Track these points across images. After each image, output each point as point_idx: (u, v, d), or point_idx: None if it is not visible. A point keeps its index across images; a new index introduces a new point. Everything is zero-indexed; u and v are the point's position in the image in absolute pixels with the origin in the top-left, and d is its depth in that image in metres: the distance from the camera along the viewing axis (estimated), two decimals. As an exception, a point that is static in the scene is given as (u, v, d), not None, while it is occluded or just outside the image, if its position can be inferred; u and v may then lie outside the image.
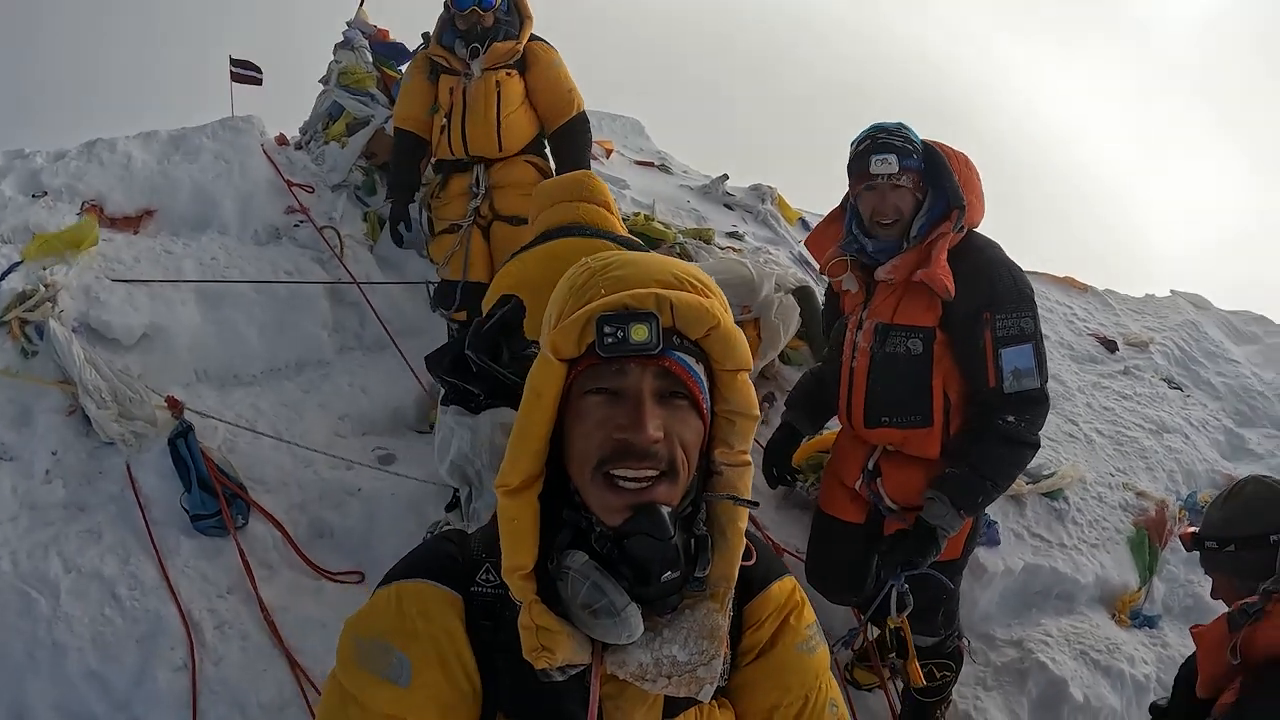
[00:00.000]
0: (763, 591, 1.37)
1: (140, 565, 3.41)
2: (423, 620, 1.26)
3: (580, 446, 1.22)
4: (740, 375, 1.26)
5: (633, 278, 1.22)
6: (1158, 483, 5.62)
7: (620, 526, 1.19)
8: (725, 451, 1.26)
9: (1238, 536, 2.48)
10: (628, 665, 1.22)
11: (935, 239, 2.98)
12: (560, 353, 1.21)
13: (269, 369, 4.54)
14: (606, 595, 1.18)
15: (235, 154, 4.90)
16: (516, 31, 4.57)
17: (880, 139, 2.99)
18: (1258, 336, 7.56)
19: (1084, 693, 4.17)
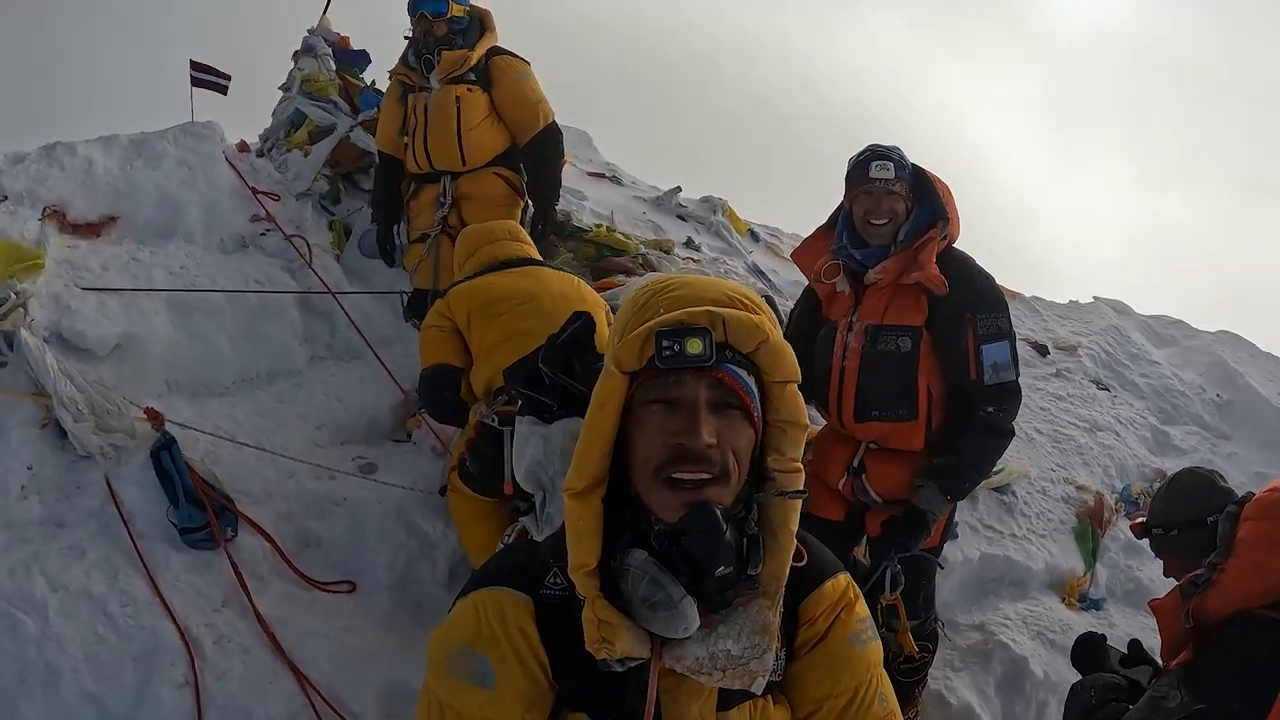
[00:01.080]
0: (816, 589, 1.43)
1: (130, 581, 3.29)
2: (499, 624, 1.34)
3: (641, 452, 1.29)
4: (789, 386, 1.33)
5: (688, 297, 1.31)
6: (1094, 477, 5.95)
7: (677, 523, 1.26)
8: (777, 458, 1.34)
9: (1179, 522, 2.80)
10: (684, 659, 1.28)
11: (924, 243, 3.25)
12: (623, 365, 1.29)
13: (241, 379, 4.43)
14: (664, 588, 1.25)
15: (199, 160, 4.76)
16: (474, 42, 4.56)
17: (880, 151, 3.30)
18: (1176, 339, 8.02)
19: (1043, 669, 4.43)
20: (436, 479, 4.22)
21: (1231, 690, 2.32)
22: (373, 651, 3.48)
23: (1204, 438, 6.80)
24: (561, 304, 3.52)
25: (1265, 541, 2.40)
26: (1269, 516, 2.43)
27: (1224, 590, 2.41)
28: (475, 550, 3.73)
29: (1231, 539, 2.47)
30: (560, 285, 3.66)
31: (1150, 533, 2.94)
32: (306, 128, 5.35)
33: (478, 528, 3.69)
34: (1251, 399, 7.16)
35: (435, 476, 4.24)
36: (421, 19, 4.46)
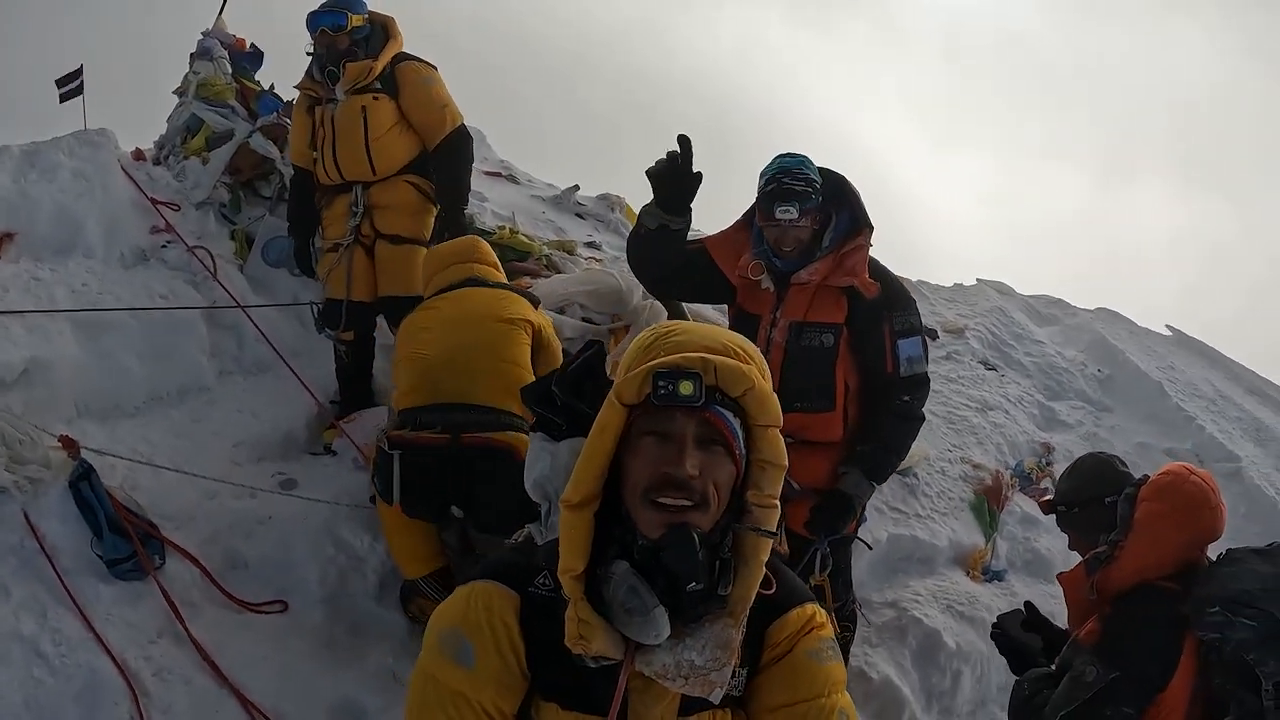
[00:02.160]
0: (783, 616, 1.58)
1: (60, 619, 3.24)
2: (485, 613, 1.52)
3: (633, 476, 1.47)
4: (772, 430, 1.50)
5: (687, 343, 1.49)
6: (988, 455, 6.33)
7: (658, 540, 1.43)
8: (756, 494, 1.51)
9: (1081, 500, 3.13)
10: (652, 663, 1.45)
11: (853, 250, 3.49)
12: (623, 398, 1.47)
13: (151, 398, 4.36)
14: (640, 597, 1.42)
15: (95, 171, 4.60)
16: (378, 50, 4.54)
17: (785, 185, 3.41)
18: (1057, 318, 8.56)
19: (955, 640, 4.77)
20: (359, 491, 4.23)
21: (1141, 655, 2.59)
22: (315, 670, 3.53)
23: (1088, 411, 7.30)
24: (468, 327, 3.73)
25: (1160, 520, 2.71)
26: (1162, 498, 2.74)
27: (1124, 565, 2.72)
28: (405, 559, 3.81)
29: (1130, 518, 2.77)
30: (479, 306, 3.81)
31: (1056, 509, 3.26)
32: (204, 133, 5.23)
33: (407, 536, 3.76)
34: (1131, 373, 7.73)
35: (358, 489, 4.25)
36: (322, 34, 4.43)
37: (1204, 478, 2.80)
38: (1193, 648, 2.56)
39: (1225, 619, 2.47)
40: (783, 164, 3.48)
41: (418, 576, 3.80)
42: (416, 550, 3.79)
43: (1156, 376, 7.70)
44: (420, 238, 4.68)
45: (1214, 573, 2.63)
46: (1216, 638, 2.49)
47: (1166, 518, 2.71)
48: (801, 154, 3.55)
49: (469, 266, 3.99)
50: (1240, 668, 2.47)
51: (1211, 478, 2.83)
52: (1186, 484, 2.76)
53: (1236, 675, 2.48)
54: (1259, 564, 2.57)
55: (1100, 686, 2.61)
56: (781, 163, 3.49)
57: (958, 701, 4.73)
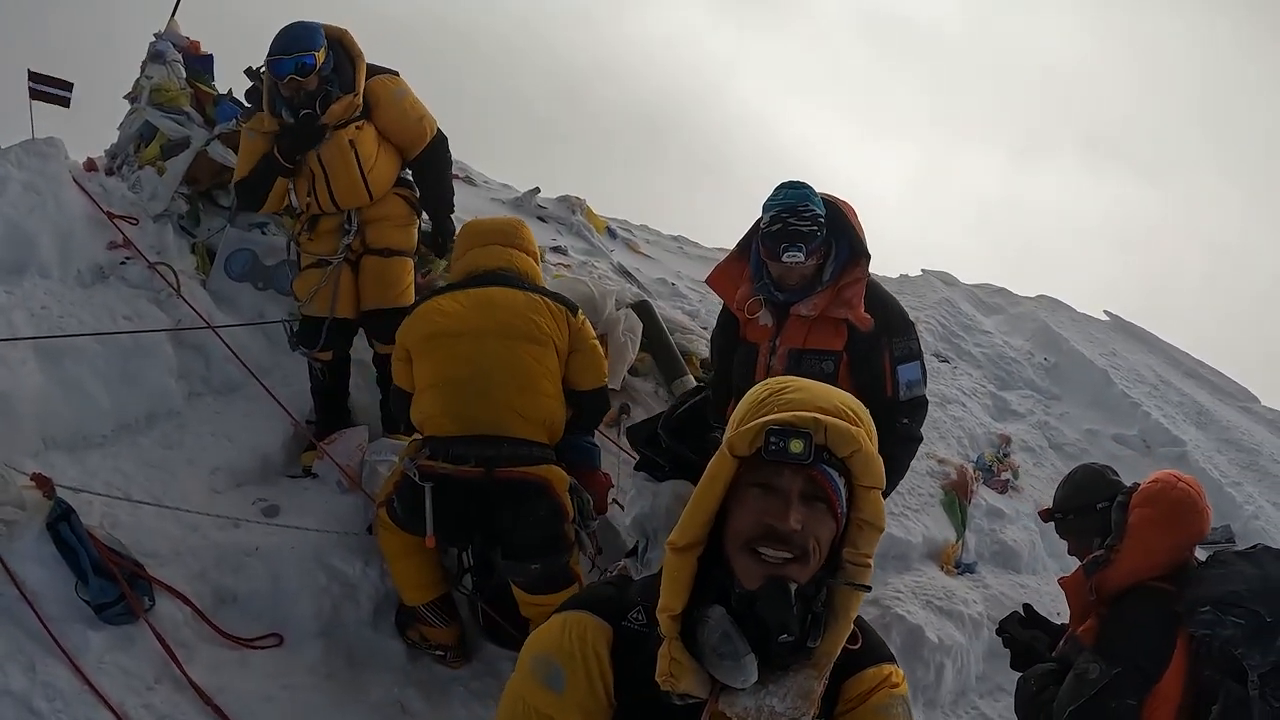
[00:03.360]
0: (859, 673, 1.61)
1: (50, 671, 3.06)
2: (579, 643, 1.58)
3: (737, 524, 1.51)
4: (874, 492, 1.54)
5: (800, 402, 1.52)
6: (951, 449, 6.51)
7: (755, 590, 1.48)
8: (852, 552, 1.55)
9: (1073, 508, 3.38)
10: (734, 706, 1.49)
11: (851, 282, 3.51)
12: (736, 451, 1.51)
13: (119, 426, 4.14)
14: (733, 643, 1.46)
15: (46, 184, 4.31)
16: (350, 80, 4.27)
17: (791, 226, 3.37)
18: (1002, 307, 8.80)
19: (937, 635, 4.90)
20: (346, 516, 4.15)
21: (1137, 650, 2.78)
22: (320, 706, 3.45)
23: (1038, 400, 7.57)
24: (499, 348, 3.58)
25: (1151, 525, 2.90)
26: (1153, 503, 2.93)
27: (1120, 567, 2.91)
28: (407, 585, 3.76)
29: (1123, 524, 2.96)
30: (508, 318, 3.64)
31: (1054, 517, 3.48)
32: (158, 142, 4.98)
33: (410, 562, 3.71)
34: (1076, 361, 8.02)
35: (344, 513, 4.17)
36: (291, 80, 4.10)
37: (1190, 483, 2.99)
38: (1184, 642, 2.75)
39: (1215, 617, 2.67)
40: (787, 199, 3.43)
41: (420, 603, 3.73)
42: (420, 577, 3.73)
43: (1101, 364, 7.99)
44: (408, 249, 4.58)
45: (1204, 574, 2.82)
46: (1207, 634, 2.69)
47: (1157, 522, 2.90)
48: (805, 185, 3.50)
49: (508, 253, 3.85)
50: (1228, 660, 2.68)
51: (1197, 483, 3.02)
52: (1175, 490, 2.94)
53: (1224, 667, 2.69)
54: (1245, 566, 2.77)
55: (1105, 682, 2.78)
56: (786, 198, 3.43)
57: (941, 693, 4.90)
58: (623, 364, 5.23)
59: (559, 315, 3.73)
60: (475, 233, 3.97)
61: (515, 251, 3.87)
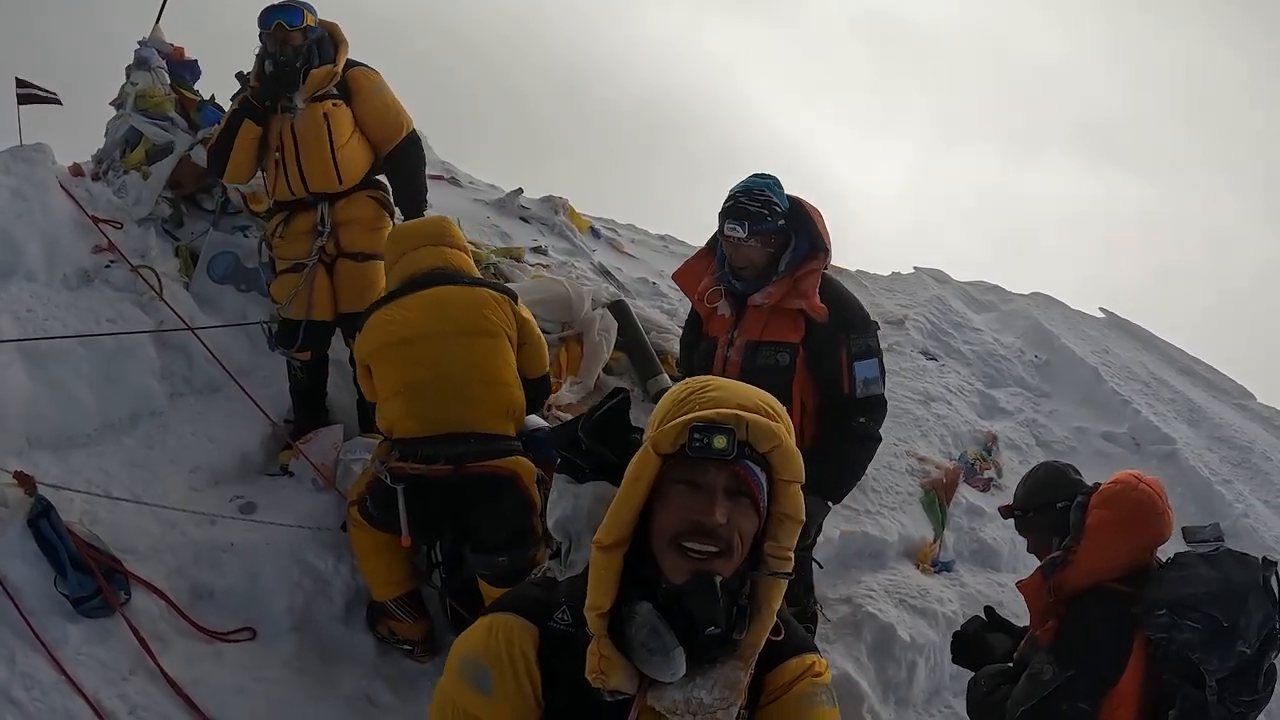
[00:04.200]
0: (782, 664, 1.68)
1: (30, 662, 3.26)
2: (505, 644, 1.63)
3: (662, 522, 1.58)
4: (794, 485, 1.62)
5: (722, 399, 1.60)
6: (933, 447, 6.64)
7: (682, 585, 1.55)
8: (773, 545, 1.63)
9: (1034, 506, 3.42)
10: (663, 700, 1.56)
11: (806, 274, 3.63)
12: (659, 449, 1.58)
13: (103, 425, 4.33)
14: (661, 637, 1.53)
15: (34, 190, 4.52)
16: (332, 56, 4.58)
17: (741, 205, 3.57)
18: (994, 304, 8.91)
19: (909, 633, 5.03)
20: (320, 513, 4.32)
21: (1094, 653, 2.84)
22: (291, 698, 3.61)
23: (1027, 398, 7.67)
24: (456, 347, 3.74)
25: (1109, 526, 2.95)
26: (1112, 505, 2.98)
27: (1078, 568, 2.95)
28: (378, 582, 3.94)
29: (1082, 524, 3.01)
30: (461, 317, 3.80)
31: (1014, 514, 3.54)
32: (143, 146, 5.17)
33: (380, 560, 3.89)
34: (1067, 358, 8.12)
35: (318, 511, 4.34)
36: (279, 28, 4.41)
37: (1151, 485, 3.02)
38: (1142, 645, 2.80)
39: (1171, 621, 2.71)
40: (746, 184, 3.62)
41: (388, 599, 3.92)
42: (389, 574, 3.90)
43: (1092, 361, 8.09)
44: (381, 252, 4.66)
45: (1162, 576, 2.86)
46: (1164, 637, 2.73)
47: (1116, 524, 2.94)
48: (771, 176, 3.68)
49: (440, 251, 3.97)
50: (1185, 664, 2.72)
51: (1159, 485, 3.05)
52: (1135, 492, 2.98)
53: (1182, 671, 2.74)
54: (1204, 569, 2.80)
55: (1057, 684, 2.84)
56: (746, 182, 3.63)
57: (913, 691, 5.01)
58: (597, 363, 5.40)
59: (504, 305, 3.89)
60: (405, 236, 4.09)
61: (448, 249, 3.99)
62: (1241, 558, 2.86)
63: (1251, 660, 2.72)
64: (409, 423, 3.71)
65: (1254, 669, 2.74)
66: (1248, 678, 2.74)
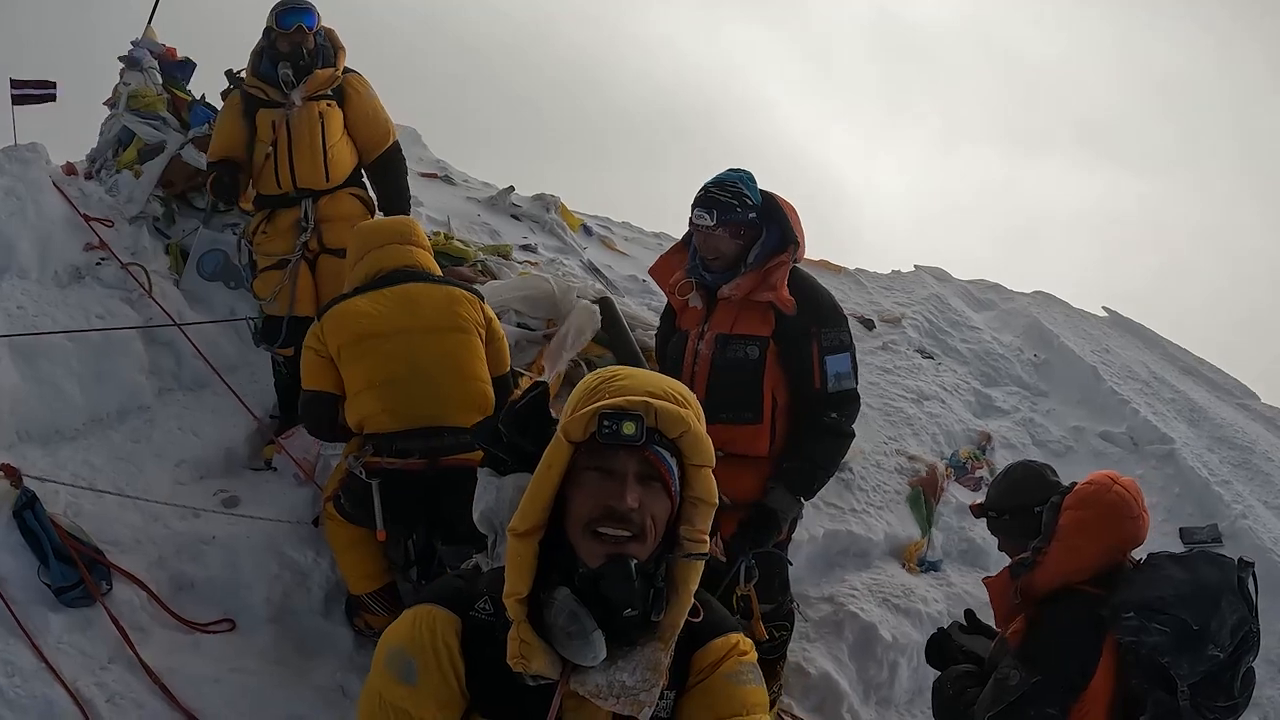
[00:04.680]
0: (706, 644, 1.73)
1: (12, 650, 3.38)
2: (429, 635, 1.68)
3: (577, 508, 1.64)
4: (705, 470, 1.68)
5: (630, 387, 1.67)
6: (924, 445, 6.66)
7: (598, 569, 1.60)
8: (688, 528, 1.69)
9: (1009, 508, 3.35)
10: (586, 684, 1.60)
11: (775, 266, 3.67)
12: (570, 436, 1.64)
13: (91, 420, 4.49)
14: (580, 621, 1.58)
15: (27, 189, 4.68)
16: (333, 59, 4.75)
17: (711, 194, 3.64)
18: (994, 303, 8.93)
19: (891, 633, 5.06)
20: (301, 507, 4.45)
21: (1063, 658, 2.81)
22: (265, 688, 3.71)
23: (1024, 397, 7.69)
24: (429, 343, 3.81)
25: (1081, 527, 2.92)
26: (1085, 506, 2.95)
27: (1046, 569, 2.94)
28: (354, 576, 4.03)
29: (1054, 525, 2.98)
30: (432, 313, 3.87)
31: (986, 514, 3.49)
32: (135, 146, 5.33)
33: (356, 554, 3.98)
34: (1066, 357, 8.13)
35: (299, 505, 4.47)
36: (298, 30, 4.58)
37: (1127, 486, 2.99)
38: (1112, 649, 2.78)
39: (1140, 624, 2.67)
40: (719, 176, 3.69)
41: (364, 593, 4.03)
42: (364, 568, 4.00)
43: (1091, 360, 8.09)
44: None
45: (1132, 578, 2.83)
46: (1133, 641, 2.70)
47: (1088, 525, 2.92)
48: (745, 170, 3.74)
49: (407, 250, 4.04)
50: (1156, 669, 2.70)
51: (1135, 486, 3.03)
52: (1109, 493, 2.95)
53: (1153, 676, 2.72)
54: (1175, 570, 2.77)
55: (1024, 689, 2.82)
56: (719, 175, 3.70)
57: (895, 692, 5.03)
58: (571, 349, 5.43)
59: (474, 303, 3.99)
60: (371, 233, 4.15)
61: (414, 248, 4.08)
62: (1215, 558, 2.82)
63: (1225, 664, 2.68)
64: (383, 418, 3.78)
65: (1228, 673, 2.70)
66: (1221, 682, 2.70)
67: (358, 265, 4.07)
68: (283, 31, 4.58)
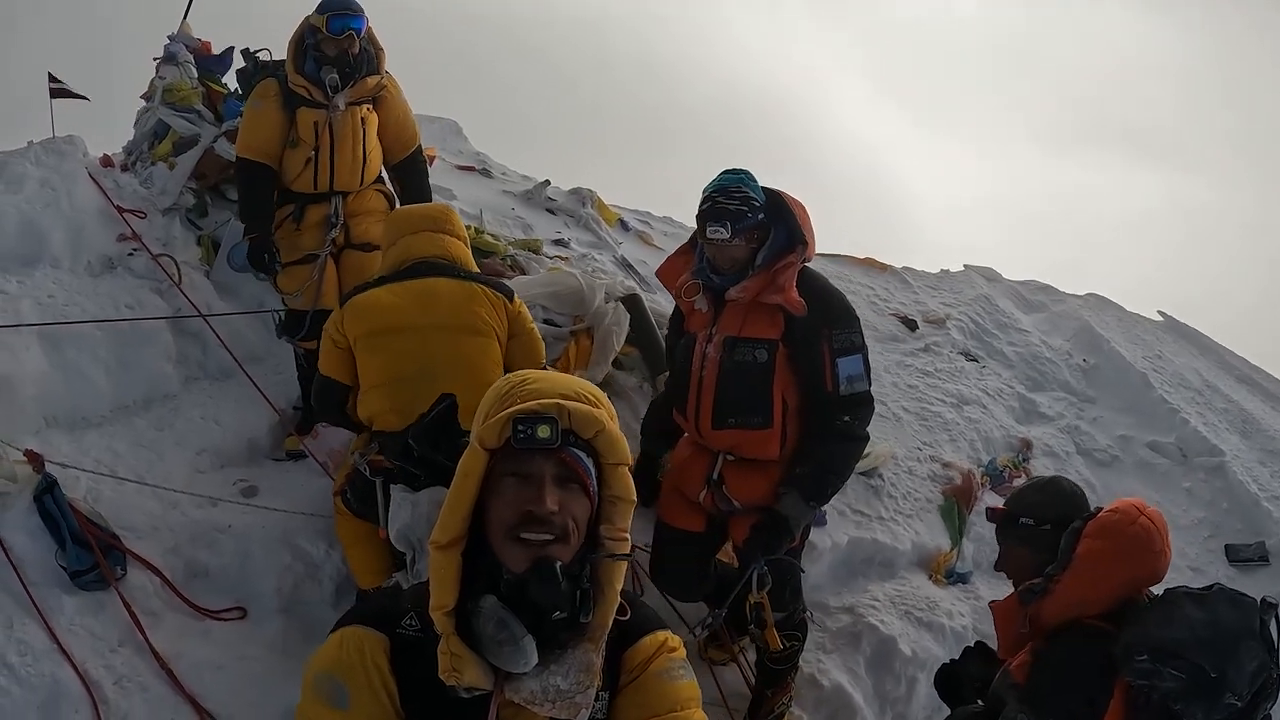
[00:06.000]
0: (636, 643, 1.78)
1: (26, 629, 3.56)
2: (358, 656, 1.68)
3: (497, 515, 1.66)
4: (621, 468, 1.71)
5: (542, 390, 1.69)
6: (960, 452, 6.53)
7: (523, 574, 1.62)
8: (609, 527, 1.72)
9: (1054, 519, 3.05)
10: (521, 691, 1.62)
11: (783, 267, 3.64)
12: (485, 443, 1.66)
13: (117, 407, 4.66)
14: (509, 628, 1.60)
15: (62, 180, 4.89)
16: (375, 65, 4.83)
17: (718, 205, 3.61)
18: (1045, 305, 8.75)
19: (911, 647, 4.96)
20: (319, 499, 4.52)
21: (1072, 700, 2.69)
22: (268, 677, 3.82)
23: (1070, 403, 7.53)
24: (442, 342, 3.82)
25: (1100, 559, 2.79)
26: (1106, 536, 2.82)
27: (1059, 599, 2.82)
28: (360, 571, 4.10)
29: (1071, 552, 2.84)
30: (449, 311, 3.87)
31: (1017, 521, 3.17)
32: (170, 139, 5.51)
33: (363, 549, 4.05)
34: (1116, 363, 7.94)
35: (318, 496, 4.55)
36: (349, 38, 4.65)
37: (1152, 518, 2.86)
38: (1123, 690, 2.64)
39: (1153, 668, 2.55)
40: (720, 182, 3.66)
41: (371, 587, 4.13)
42: (371, 563, 4.09)
43: (1142, 366, 7.91)
44: None
45: (1146, 616, 2.69)
46: (1145, 685, 2.57)
47: (1107, 557, 2.79)
48: (744, 171, 3.72)
49: (439, 239, 4.03)
50: (1168, 715, 2.56)
51: (1161, 519, 2.89)
52: (1133, 525, 2.82)
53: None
54: (1193, 610, 2.62)
55: None
56: (720, 180, 3.67)
57: (912, 708, 4.92)
58: (606, 356, 5.49)
59: (498, 303, 3.96)
60: (405, 220, 4.18)
61: (447, 238, 4.06)
62: (1236, 599, 2.67)
63: (1242, 713, 2.55)
64: (390, 417, 3.82)
65: None
66: None
67: (389, 250, 4.12)
68: (331, 36, 4.63)
